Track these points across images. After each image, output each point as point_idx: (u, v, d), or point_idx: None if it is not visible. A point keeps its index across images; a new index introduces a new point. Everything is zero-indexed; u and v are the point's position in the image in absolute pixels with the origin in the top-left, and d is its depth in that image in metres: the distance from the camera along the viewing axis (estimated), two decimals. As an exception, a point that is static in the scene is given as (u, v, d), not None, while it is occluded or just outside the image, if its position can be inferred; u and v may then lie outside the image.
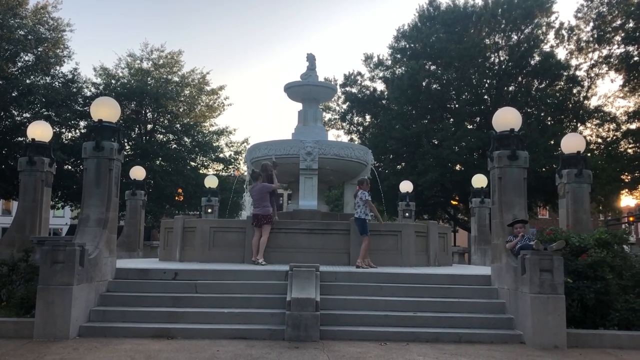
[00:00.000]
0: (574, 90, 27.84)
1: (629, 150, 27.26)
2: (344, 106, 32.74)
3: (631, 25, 25.48)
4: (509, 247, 8.56)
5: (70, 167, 27.74)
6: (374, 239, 11.63)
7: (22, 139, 24.05)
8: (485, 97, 28.44)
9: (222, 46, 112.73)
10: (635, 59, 25.95)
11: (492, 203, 9.44)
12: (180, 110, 31.46)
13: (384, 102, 31.52)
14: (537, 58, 27.34)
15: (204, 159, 32.77)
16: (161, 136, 32.22)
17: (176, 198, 30.46)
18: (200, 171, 31.66)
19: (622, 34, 25.95)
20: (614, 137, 27.63)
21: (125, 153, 10.03)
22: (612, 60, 26.88)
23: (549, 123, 27.01)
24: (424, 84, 27.64)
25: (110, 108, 9.19)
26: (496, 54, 28.47)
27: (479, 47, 27.16)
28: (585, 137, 18.05)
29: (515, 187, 8.96)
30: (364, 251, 10.58)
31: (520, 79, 28.55)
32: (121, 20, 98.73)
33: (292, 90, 15.43)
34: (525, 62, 27.43)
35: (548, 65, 26.60)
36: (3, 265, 9.10)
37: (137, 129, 31.11)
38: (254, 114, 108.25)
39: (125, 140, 27.78)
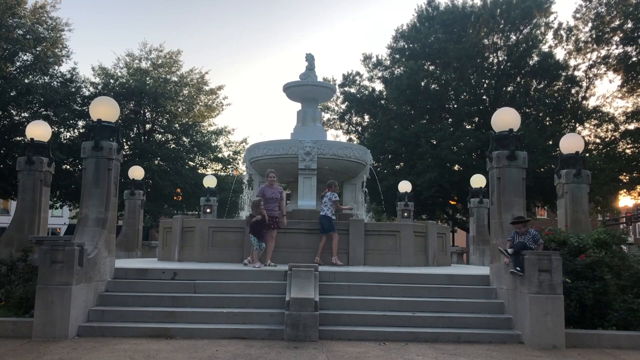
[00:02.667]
0: (573, 91, 27.89)
1: (627, 151, 27.30)
2: (343, 106, 32.75)
3: (630, 25, 25.50)
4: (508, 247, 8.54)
5: (68, 167, 27.72)
6: (374, 239, 11.68)
7: (20, 138, 24.05)
8: (484, 97, 28.45)
9: (221, 46, 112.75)
10: (634, 59, 25.99)
11: (490, 203, 9.45)
12: (179, 110, 31.45)
13: (382, 102, 31.52)
14: (536, 58, 27.36)
15: (203, 158, 32.78)
16: (160, 136, 32.22)
17: (175, 198, 30.45)
18: (199, 171, 31.67)
19: (621, 35, 25.97)
20: (613, 138, 27.68)
21: (124, 153, 10.01)
22: (610, 60, 26.91)
23: (548, 123, 27.03)
24: (422, 84, 27.65)
25: (109, 108, 9.18)
26: (495, 54, 28.47)
27: (477, 47, 27.17)
28: (583, 137, 18.07)
29: (514, 187, 8.98)
30: (336, 247, 11.01)
31: (518, 79, 28.55)
32: (120, 19, 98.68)
33: (291, 91, 15.39)
34: (524, 63, 27.44)
35: (547, 66, 26.62)
36: (2, 264, 9.10)
37: (135, 129, 31.09)
38: (252, 113, 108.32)
39: (124, 140, 27.71)
